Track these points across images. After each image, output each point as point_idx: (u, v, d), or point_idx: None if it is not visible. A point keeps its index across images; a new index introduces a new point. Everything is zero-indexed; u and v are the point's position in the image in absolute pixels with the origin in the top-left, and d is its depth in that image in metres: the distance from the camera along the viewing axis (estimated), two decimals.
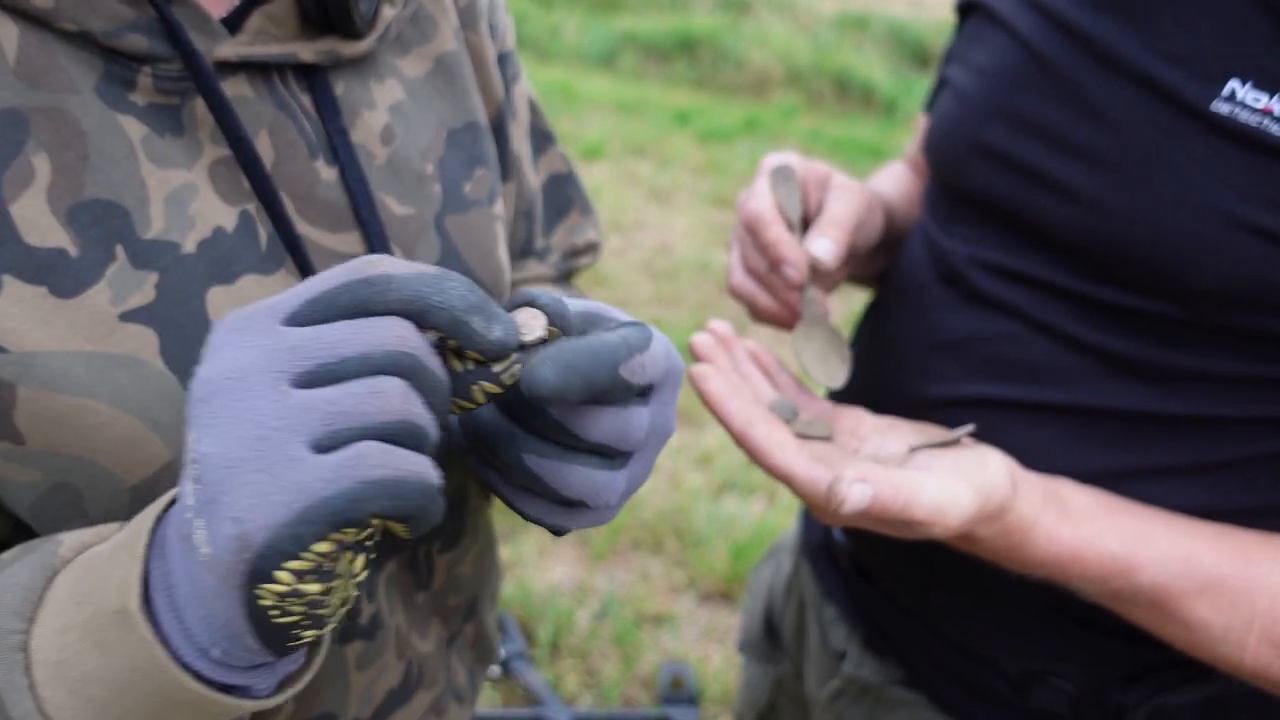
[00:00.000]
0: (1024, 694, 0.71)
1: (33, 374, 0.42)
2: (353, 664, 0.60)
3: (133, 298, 0.45)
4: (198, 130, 0.48)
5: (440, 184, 0.59)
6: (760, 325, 0.75)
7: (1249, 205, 0.55)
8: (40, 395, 0.42)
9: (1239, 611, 0.56)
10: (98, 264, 0.44)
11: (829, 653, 0.86)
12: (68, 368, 0.43)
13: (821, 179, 0.74)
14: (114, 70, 0.45)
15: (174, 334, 0.46)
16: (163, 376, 0.45)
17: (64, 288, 0.43)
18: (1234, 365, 0.59)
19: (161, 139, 0.46)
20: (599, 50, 6.80)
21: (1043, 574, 0.58)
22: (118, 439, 0.44)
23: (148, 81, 0.45)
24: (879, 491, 0.50)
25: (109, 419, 0.44)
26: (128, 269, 0.45)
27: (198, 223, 0.47)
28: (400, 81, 0.58)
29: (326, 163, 0.53)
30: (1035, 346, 0.65)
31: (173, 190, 0.46)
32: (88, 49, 0.44)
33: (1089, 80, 0.62)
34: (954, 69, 0.75)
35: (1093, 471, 0.63)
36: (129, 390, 0.44)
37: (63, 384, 0.43)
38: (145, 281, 0.45)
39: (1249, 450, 0.60)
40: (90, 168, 0.44)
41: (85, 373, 0.43)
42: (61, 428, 0.43)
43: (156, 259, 0.46)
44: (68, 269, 0.43)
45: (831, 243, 0.67)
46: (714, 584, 2.19)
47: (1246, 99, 0.55)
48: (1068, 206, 0.62)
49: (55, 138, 0.43)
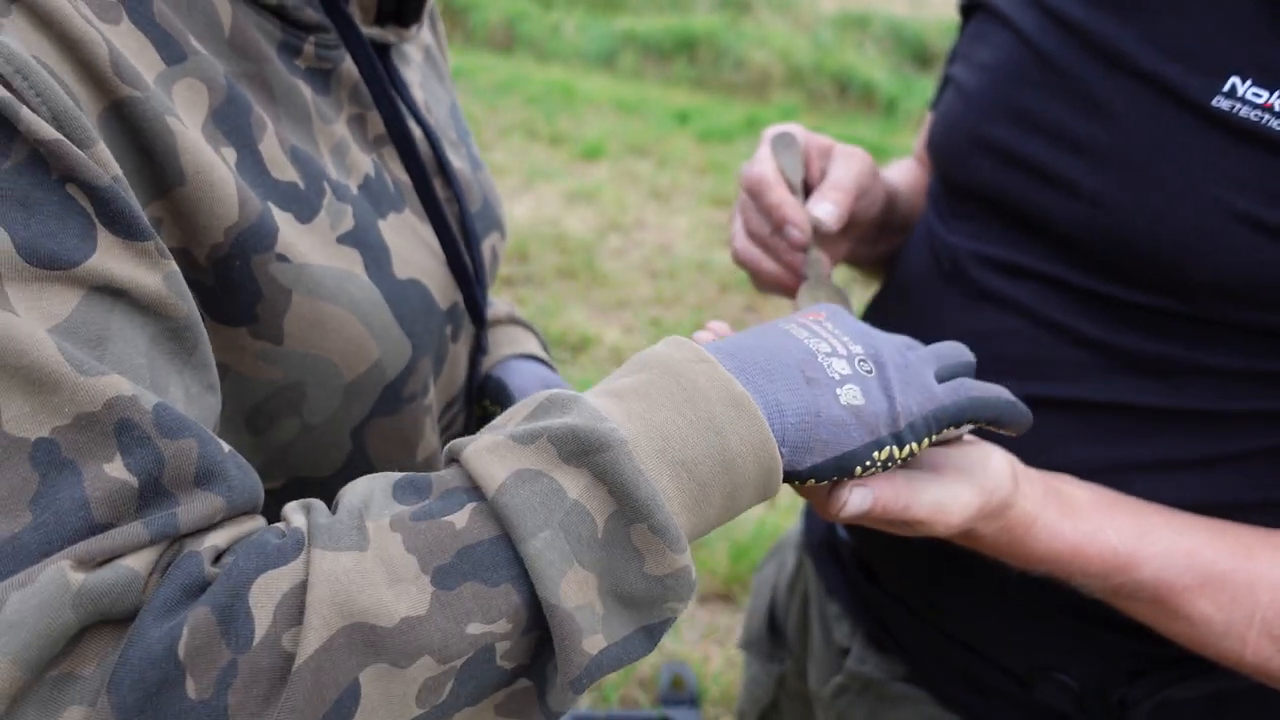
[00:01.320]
0: (1027, 689, 0.71)
1: (302, 282, 0.49)
2: None
3: (341, 224, 0.53)
4: (339, 91, 0.56)
5: (465, 148, 0.71)
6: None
7: (1250, 200, 0.55)
8: (306, 300, 0.49)
9: (1240, 606, 0.56)
10: (318, 195, 0.52)
11: (832, 649, 0.86)
12: (322, 278, 0.50)
13: (824, 148, 0.74)
14: (289, 39, 0.52)
15: (371, 255, 0.54)
16: (371, 288, 0.53)
17: (302, 214, 0.51)
18: (1235, 360, 0.59)
19: (321, 98, 0.55)
20: (599, 50, 6.80)
21: (1044, 570, 0.58)
22: (349, 339, 0.52)
23: (310, 49, 0.54)
24: (879, 493, 0.50)
25: (345, 322, 0.51)
26: (334, 201, 0.53)
27: (354, 169, 0.56)
28: (415, 66, 0.68)
29: (414, 125, 0.62)
30: (1037, 342, 0.65)
31: (335, 142, 0.55)
32: (272, 20, 0.51)
33: (1091, 76, 0.62)
34: (958, 67, 0.76)
35: (1095, 466, 0.63)
36: (357, 297, 0.52)
37: (320, 292, 0.50)
38: (346, 212, 0.53)
39: (1251, 445, 0.60)
40: (283, 124, 0.52)
41: (331, 283, 0.51)
42: (314, 329, 0.50)
43: (346, 194, 0.54)
44: (302, 198, 0.51)
45: (833, 205, 0.68)
46: (714, 585, 2.19)
47: (1247, 95, 0.55)
48: (1070, 202, 0.62)
49: (260, 98, 0.50)
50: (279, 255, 0.48)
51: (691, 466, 0.42)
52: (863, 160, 0.73)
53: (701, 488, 0.42)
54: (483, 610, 0.39)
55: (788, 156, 0.71)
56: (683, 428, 0.42)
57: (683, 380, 0.44)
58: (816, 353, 0.50)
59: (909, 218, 0.85)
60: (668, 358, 0.46)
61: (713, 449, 0.43)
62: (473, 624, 0.38)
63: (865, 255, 0.86)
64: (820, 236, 0.70)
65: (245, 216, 0.46)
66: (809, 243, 0.67)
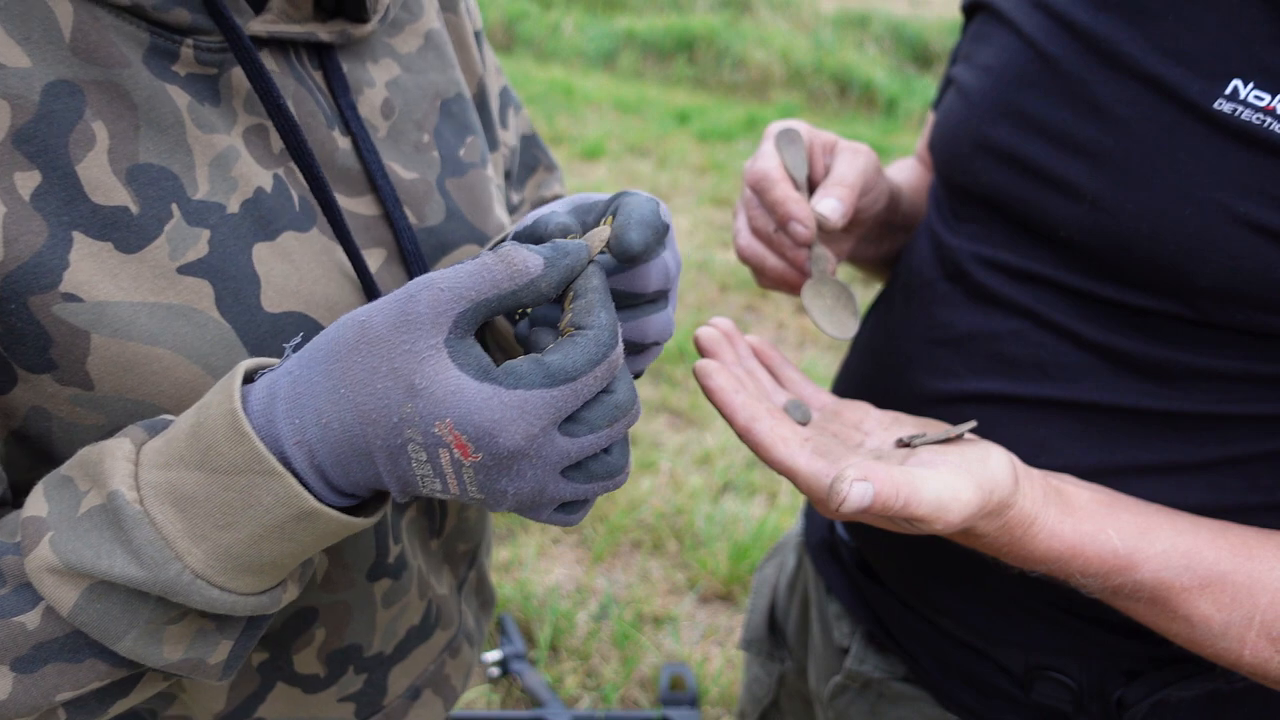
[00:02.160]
0: (1027, 689, 0.71)
1: (104, 323, 0.45)
2: (379, 600, 0.64)
3: (189, 252, 0.48)
4: (233, 99, 0.51)
5: (438, 150, 0.64)
6: (760, 328, 0.75)
7: (1251, 203, 0.55)
8: (111, 343, 0.46)
9: (1239, 607, 0.56)
10: (157, 221, 0.47)
11: (832, 648, 0.87)
12: (134, 317, 0.46)
13: (827, 144, 0.74)
14: (159, 43, 0.48)
15: (226, 286, 0.50)
16: (218, 324, 0.49)
17: (128, 243, 0.46)
18: (1237, 363, 0.59)
19: (203, 106, 0.50)
20: (599, 50, 6.80)
21: (1044, 570, 0.58)
22: (178, 383, 0.48)
23: (189, 53, 0.49)
24: (880, 489, 0.50)
25: (171, 364, 0.48)
26: (183, 226, 0.48)
27: (240, 184, 0.51)
28: (395, 59, 0.62)
29: (340, 133, 0.57)
30: (1039, 343, 0.65)
31: (217, 154, 0.50)
32: (135, 22, 0.47)
33: (1093, 79, 0.62)
34: (960, 68, 0.76)
35: (1095, 468, 0.63)
36: (188, 338, 0.48)
37: (130, 332, 0.46)
38: (199, 238, 0.49)
39: (1252, 448, 0.60)
40: (142, 136, 0.47)
41: (150, 322, 0.47)
42: (128, 374, 0.47)
43: (206, 217, 0.49)
44: (131, 225, 0.46)
45: (837, 201, 0.68)
46: (714, 585, 2.18)
47: (1249, 98, 0.55)
48: (1071, 204, 0.62)
49: (110, 108, 0.46)
50: (66, 295, 0.44)
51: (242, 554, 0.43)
52: (867, 156, 0.73)
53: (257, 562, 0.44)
54: (70, 682, 0.44)
55: (792, 152, 0.71)
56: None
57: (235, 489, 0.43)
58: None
59: (912, 217, 0.85)
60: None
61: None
62: (62, 693, 0.44)
63: (868, 254, 0.86)
64: (824, 233, 0.70)
65: (14, 255, 0.43)
66: (813, 239, 0.67)
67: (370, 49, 0.60)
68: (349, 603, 0.62)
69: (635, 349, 0.52)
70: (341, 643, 0.63)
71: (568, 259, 0.42)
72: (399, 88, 0.62)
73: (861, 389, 0.77)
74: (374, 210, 0.58)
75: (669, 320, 0.53)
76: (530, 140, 0.84)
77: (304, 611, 0.61)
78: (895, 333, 0.75)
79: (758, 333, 3.31)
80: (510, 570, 2.18)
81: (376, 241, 0.58)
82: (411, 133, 0.62)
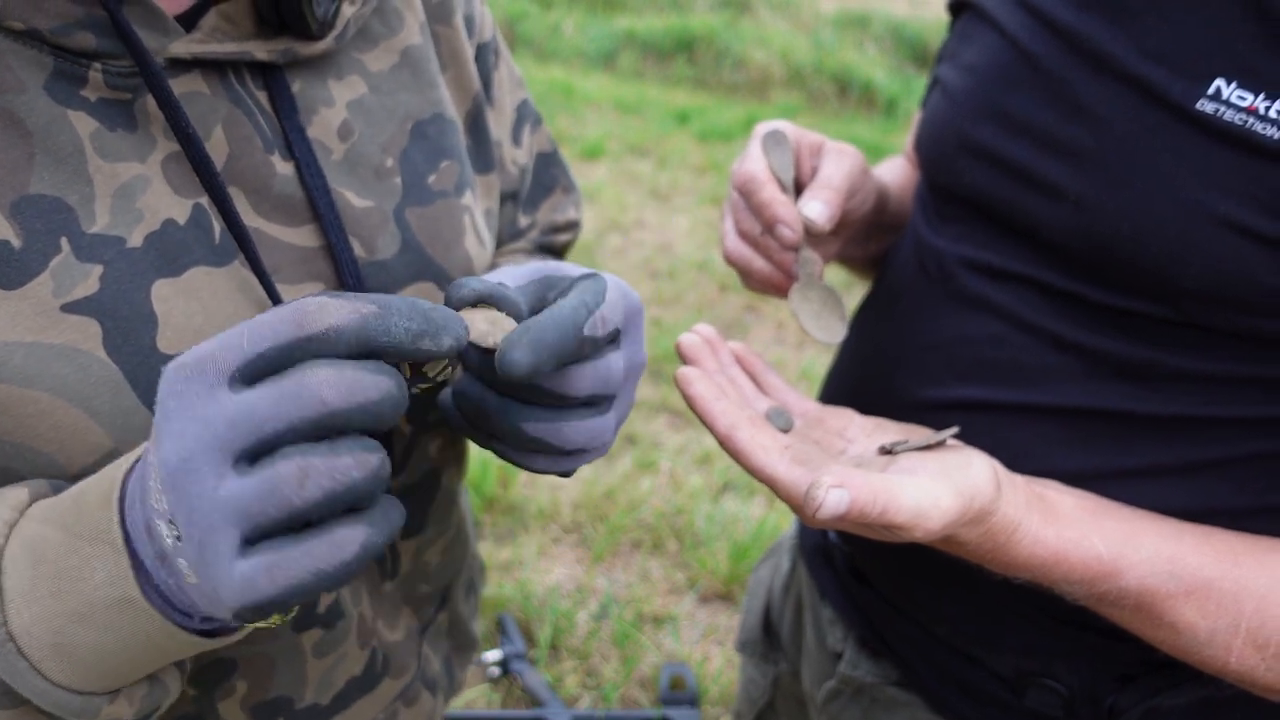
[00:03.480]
0: (1019, 694, 0.71)
1: None
2: (309, 651, 0.61)
3: (76, 289, 0.45)
4: (150, 125, 0.48)
5: (401, 176, 0.59)
6: (759, 329, 0.75)
7: (1234, 204, 0.54)
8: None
9: (1225, 614, 0.56)
10: (42, 256, 0.44)
11: (825, 653, 0.86)
12: (9, 357, 0.43)
13: (815, 146, 0.73)
14: (63, 67, 0.45)
15: (117, 325, 0.46)
16: (105, 366, 0.46)
17: (7, 279, 0.44)
18: (1220, 365, 0.58)
19: (113, 133, 0.47)
20: (599, 50, 6.81)
21: (1027, 577, 0.58)
22: (59, 427, 0.45)
23: (98, 77, 0.46)
24: (856, 496, 0.49)
25: (49, 408, 0.44)
26: (72, 261, 0.45)
27: (146, 216, 0.48)
28: (363, 77, 0.58)
29: (282, 158, 0.53)
30: (1022, 347, 0.64)
31: (122, 184, 0.47)
32: (35, 47, 0.45)
33: (1076, 79, 0.62)
34: (945, 67, 0.75)
35: (1080, 472, 0.63)
36: (70, 380, 0.45)
37: (2, 373, 0.43)
38: (89, 274, 0.45)
39: (1236, 451, 0.60)
40: (36, 165, 0.44)
41: (25, 362, 0.44)
42: (3, 416, 0.44)
43: (102, 252, 0.46)
44: (11, 260, 0.44)
45: (824, 204, 0.67)
46: (714, 585, 2.18)
47: (1232, 98, 0.54)
48: (1055, 205, 0.62)
49: (3, 136, 0.44)
50: None
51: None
52: (854, 158, 0.72)
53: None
54: None
55: (778, 154, 0.70)
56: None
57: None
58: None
59: (900, 216, 0.85)
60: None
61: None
62: None
63: (857, 254, 0.86)
64: (811, 235, 0.70)
65: None
66: (800, 242, 0.67)
67: (335, 66, 0.57)
68: (271, 655, 0.59)
69: (557, 451, 0.49)
70: (266, 695, 0.60)
71: (405, 330, 0.37)
72: (362, 108, 0.58)
73: (849, 395, 0.77)
74: (315, 241, 0.54)
75: (601, 429, 0.49)
76: (548, 159, 0.80)
77: (222, 661, 0.57)
78: (881, 338, 0.75)
79: (757, 333, 3.31)
80: (510, 570, 2.18)
81: (313, 276, 0.54)
82: (373, 156, 0.58)
